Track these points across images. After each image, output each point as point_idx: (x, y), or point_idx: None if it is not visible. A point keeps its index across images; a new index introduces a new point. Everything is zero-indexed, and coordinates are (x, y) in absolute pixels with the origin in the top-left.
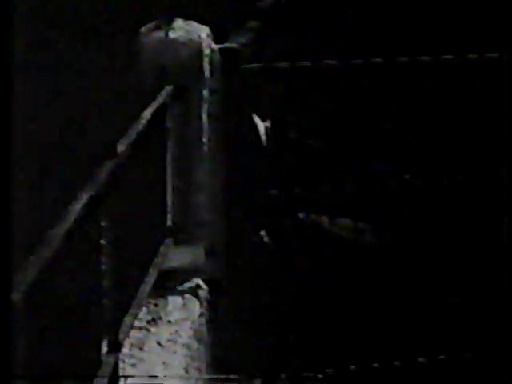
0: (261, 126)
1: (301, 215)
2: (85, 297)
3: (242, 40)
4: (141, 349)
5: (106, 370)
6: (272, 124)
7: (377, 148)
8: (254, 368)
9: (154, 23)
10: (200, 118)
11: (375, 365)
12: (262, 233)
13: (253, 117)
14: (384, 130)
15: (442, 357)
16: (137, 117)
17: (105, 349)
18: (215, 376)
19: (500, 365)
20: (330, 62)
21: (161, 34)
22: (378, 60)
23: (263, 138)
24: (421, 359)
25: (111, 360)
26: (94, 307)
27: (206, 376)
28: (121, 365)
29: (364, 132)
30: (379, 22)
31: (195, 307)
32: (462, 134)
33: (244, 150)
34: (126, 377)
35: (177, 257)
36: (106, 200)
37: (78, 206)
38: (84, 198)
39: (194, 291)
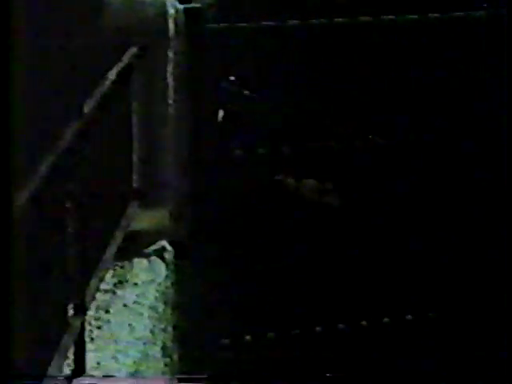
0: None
1: (266, 176)
2: (51, 260)
3: (207, 0)
4: (107, 311)
5: (72, 332)
6: (237, 85)
7: (341, 108)
8: (219, 329)
9: None
10: (165, 78)
11: (342, 325)
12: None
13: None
14: (349, 91)
15: (408, 317)
16: (102, 78)
17: (71, 312)
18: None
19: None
20: (293, 22)
21: None
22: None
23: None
24: (386, 319)
25: (77, 323)
26: (60, 270)
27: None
28: (87, 327)
29: (331, 93)
30: None
31: (161, 269)
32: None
33: (209, 111)
34: (92, 339)
35: (142, 219)
36: (72, 162)
37: (43, 169)
38: (50, 160)
39: (159, 253)
